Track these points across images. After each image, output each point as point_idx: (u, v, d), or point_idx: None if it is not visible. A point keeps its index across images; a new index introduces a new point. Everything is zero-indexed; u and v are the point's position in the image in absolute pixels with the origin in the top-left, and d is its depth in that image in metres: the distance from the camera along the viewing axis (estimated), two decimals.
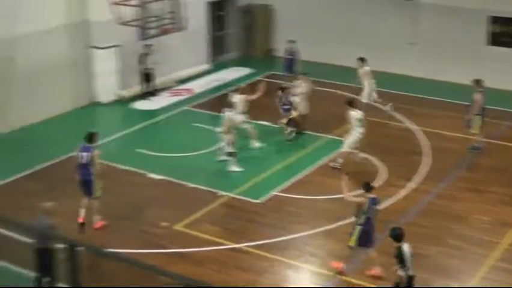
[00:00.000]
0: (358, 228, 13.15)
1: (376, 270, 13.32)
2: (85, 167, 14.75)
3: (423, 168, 17.89)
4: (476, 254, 14.15)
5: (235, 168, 17.73)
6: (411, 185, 17.06)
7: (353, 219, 14.84)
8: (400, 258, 11.70)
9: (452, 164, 18.09)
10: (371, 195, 13.14)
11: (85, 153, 14.77)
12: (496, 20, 24.09)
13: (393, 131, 20.64)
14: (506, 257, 14.07)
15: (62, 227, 14.23)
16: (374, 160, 18.34)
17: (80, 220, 14.90)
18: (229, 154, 17.72)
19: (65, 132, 20.42)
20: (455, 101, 22.61)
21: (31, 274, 12.79)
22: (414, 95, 23.65)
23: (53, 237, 12.06)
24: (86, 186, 14.82)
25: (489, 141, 19.48)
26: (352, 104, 18.01)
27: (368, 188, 13.20)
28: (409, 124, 20.96)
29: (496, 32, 24.24)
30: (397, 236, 11.81)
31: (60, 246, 10.78)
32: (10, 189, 16.82)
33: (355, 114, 17.67)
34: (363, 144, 18.15)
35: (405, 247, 11.72)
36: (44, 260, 12.25)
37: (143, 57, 22.95)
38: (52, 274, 12.28)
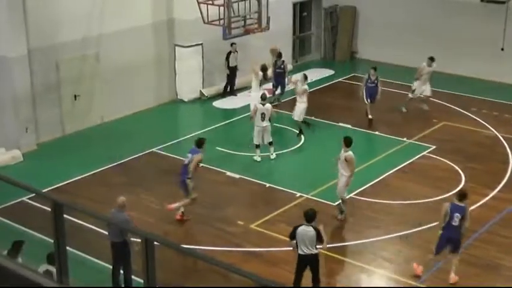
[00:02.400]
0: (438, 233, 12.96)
1: (452, 276, 13.04)
2: (185, 168, 15.12)
3: (508, 178, 17.35)
4: None
5: (257, 158, 18.29)
6: (493, 194, 16.57)
7: (431, 225, 14.64)
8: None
9: None
10: (455, 202, 12.84)
11: (189, 155, 15.11)
12: None
13: (480, 138, 20.08)
14: None
15: (139, 221, 14.62)
16: (458, 167, 17.89)
17: (178, 217, 15.25)
18: (257, 146, 18.27)
19: (147, 128, 20.86)
20: None
21: (108, 266, 13.14)
22: (503, 101, 22.93)
23: (129, 231, 12.31)
24: (182, 187, 15.20)
25: None
26: None
27: (458, 196, 12.91)
28: (495, 131, 20.37)
29: None
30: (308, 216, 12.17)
31: (137, 240, 11.04)
32: (93, 181, 17.27)
33: None
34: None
35: (300, 229, 12.08)
36: (120, 253, 12.52)
37: (228, 55, 23.16)
38: (127, 267, 12.55)
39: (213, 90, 23.55)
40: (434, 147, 19.18)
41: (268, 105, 18.36)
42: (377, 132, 20.29)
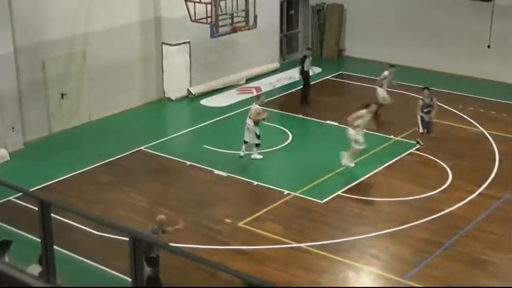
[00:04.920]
0: None
1: None
2: None
3: (494, 174, 17.44)
4: None
5: (258, 156, 18.23)
6: (480, 190, 16.66)
7: (418, 222, 14.80)
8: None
9: None
10: None
11: None
12: None
13: (467, 135, 20.18)
14: None
15: (127, 220, 14.62)
16: (444, 164, 17.98)
17: None
18: (257, 145, 18.09)
19: (135, 127, 20.84)
20: None
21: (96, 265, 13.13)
22: (489, 98, 23.06)
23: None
24: None
25: None
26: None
27: None
28: (482, 128, 20.47)
29: None
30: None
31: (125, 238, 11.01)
32: (81, 180, 17.23)
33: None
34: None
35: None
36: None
37: (302, 60, 22.73)
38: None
39: (201, 89, 23.54)
40: (421, 144, 19.25)
41: (253, 105, 18.32)
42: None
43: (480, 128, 20.50)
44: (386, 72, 21.59)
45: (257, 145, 18.13)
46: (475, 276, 13.32)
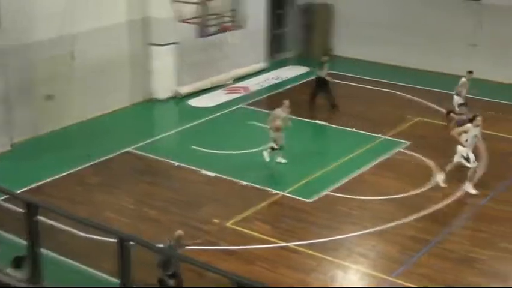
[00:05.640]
0: None
1: None
2: None
3: (481, 172, 17.53)
4: None
5: (282, 159, 18.06)
6: (467, 188, 16.74)
7: (406, 220, 14.88)
8: None
9: (510, 167, 17.66)
10: None
11: None
12: None
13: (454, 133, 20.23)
14: None
15: (115, 221, 14.62)
16: (432, 163, 18.06)
17: None
18: (273, 149, 17.92)
19: (123, 128, 20.82)
20: None
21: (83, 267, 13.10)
22: (476, 97, 23.14)
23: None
24: None
25: None
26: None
27: None
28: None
29: None
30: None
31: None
32: (68, 181, 17.19)
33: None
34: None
35: None
36: None
37: (321, 65, 22.25)
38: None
39: (189, 89, 23.53)
40: (408, 143, 19.34)
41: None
42: (353, 129, 20.39)
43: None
44: (463, 79, 20.58)
45: (272, 148, 17.93)
46: (462, 273, 13.38)
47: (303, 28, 28.10)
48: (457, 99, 20.32)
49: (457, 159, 16.37)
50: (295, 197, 16.40)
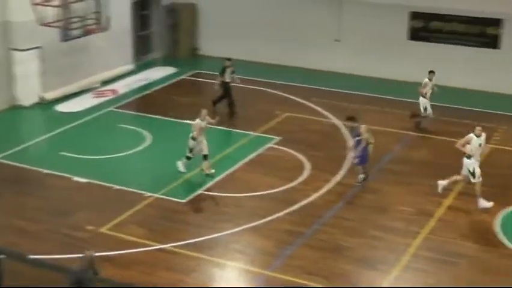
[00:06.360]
0: None
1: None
2: None
3: (348, 163, 18.15)
4: (399, 244, 14.48)
5: (182, 168, 17.51)
6: (336, 179, 17.30)
7: (279, 215, 15.22)
8: None
9: (377, 157, 18.38)
10: None
11: None
12: (416, 15, 24.69)
13: (322, 126, 20.88)
14: (427, 245, 14.47)
15: None
16: (302, 156, 18.52)
17: None
18: (188, 158, 17.39)
19: None
20: (380, 96, 23.23)
21: None
22: (341, 90, 23.98)
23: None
24: None
25: (415, 135, 20.08)
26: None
27: None
28: (335, 120, 21.24)
29: (416, 28, 24.85)
30: None
31: None
32: None
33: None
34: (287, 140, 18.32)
35: None
36: None
37: (222, 71, 21.60)
38: None
39: (55, 94, 22.88)
40: (279, 138, 19.73)
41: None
42: (224, 128, 20.55)
43: (333, 119, 21.26)
44: (425, 80, 20.25)
45: (188, 158, 17.44)
46: (335, 262, 13.82)
47: (168, 28, 28.02)
48: (424, 102, 20.23)
49: (464, 172, 15.89)
50: (169, 198, 16.35)
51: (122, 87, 24.28)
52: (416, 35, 24.86)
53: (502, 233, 14.88)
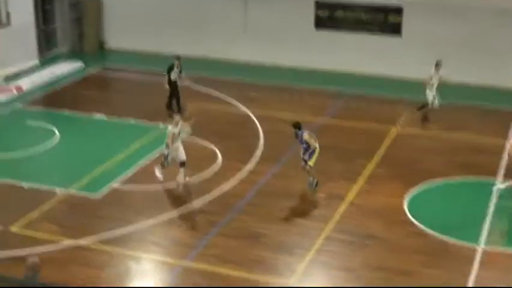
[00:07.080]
0: None
1: None
2: None
3: (260, 151, 18.33)
4: (313, 228, 14.76)
5: (158, 173, 16.83)
6: (248, 168, 17.45)
7: (195, 205, 15.24)
8: None
9: (286, 145, 18.62)
10: None
11: None
12: (321, 5, 25.11)
13: (234, 117, 20.97)
14: (339, 227, 14.81)
15: None
16: (214, 147, 18.56)
17: None
18: (162, 165, 16.77)
19: None
20: (290, 85, 23.56)
21: None
22: (250, 80, 24.16)
23: None
24: None
25: (322, 122, 20.48)
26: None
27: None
28: (245, 109, 21.39)
29: (321, 17, 25.27)
30: None
31: None
32: None
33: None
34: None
35: None
36: None
37: (169, 69, 20.97)
38: None
39: None
40: (190, 130, 19.67)
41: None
42: (133, 121, 20.37)
43: (245, 109, 21.41)
44: (432, 71, 20.22)
45: (162, 165, 16.75)
46: (251, 249, 13.96)
47: (73, 22, 27.46)
48: (429, 93, 20.31)
49: None
50: (81, 193, 16.11)
51: (27, 83, 23.62)
52: (322, 24, 25.28)
53: (409, 213, 15.39)
